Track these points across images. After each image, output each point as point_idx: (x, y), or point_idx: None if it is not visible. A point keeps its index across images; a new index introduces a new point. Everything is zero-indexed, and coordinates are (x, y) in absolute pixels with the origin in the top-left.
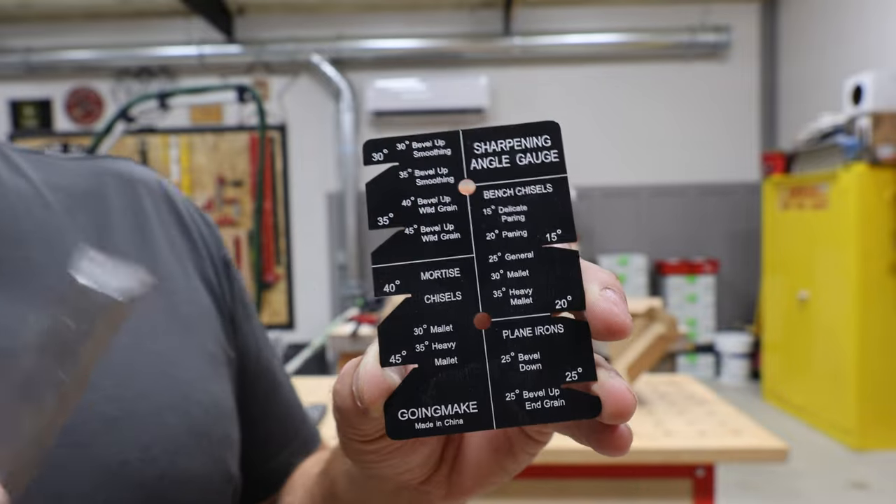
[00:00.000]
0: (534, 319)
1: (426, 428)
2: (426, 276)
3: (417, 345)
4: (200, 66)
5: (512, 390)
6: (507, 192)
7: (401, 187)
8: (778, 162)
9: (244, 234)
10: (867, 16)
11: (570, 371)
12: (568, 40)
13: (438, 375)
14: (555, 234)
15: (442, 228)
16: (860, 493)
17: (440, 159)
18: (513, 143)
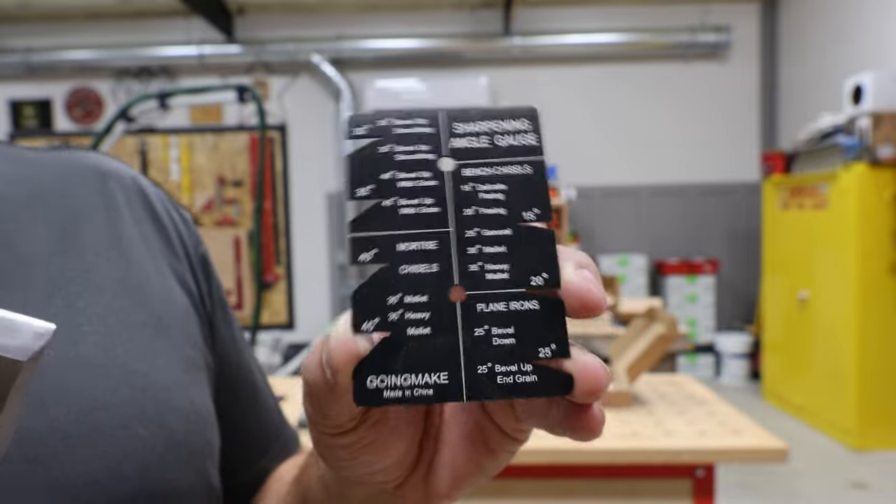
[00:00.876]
0: (509, 294)
1: (394, 396)
2: (402, 246)
3: (391, 313)
4: (200, 66)
5: (484, 363)
6: (487, 170)
7: (381, 161)
8: (778, 162)
9: (244, 234)
10: (867, 16)
11: (543, 347)
12: (568, 40)
13: (410, 345)
14: (532, 213)
15: (420, 202)
16: (860, 493)
17: (421, 136)
18: (492, 124)
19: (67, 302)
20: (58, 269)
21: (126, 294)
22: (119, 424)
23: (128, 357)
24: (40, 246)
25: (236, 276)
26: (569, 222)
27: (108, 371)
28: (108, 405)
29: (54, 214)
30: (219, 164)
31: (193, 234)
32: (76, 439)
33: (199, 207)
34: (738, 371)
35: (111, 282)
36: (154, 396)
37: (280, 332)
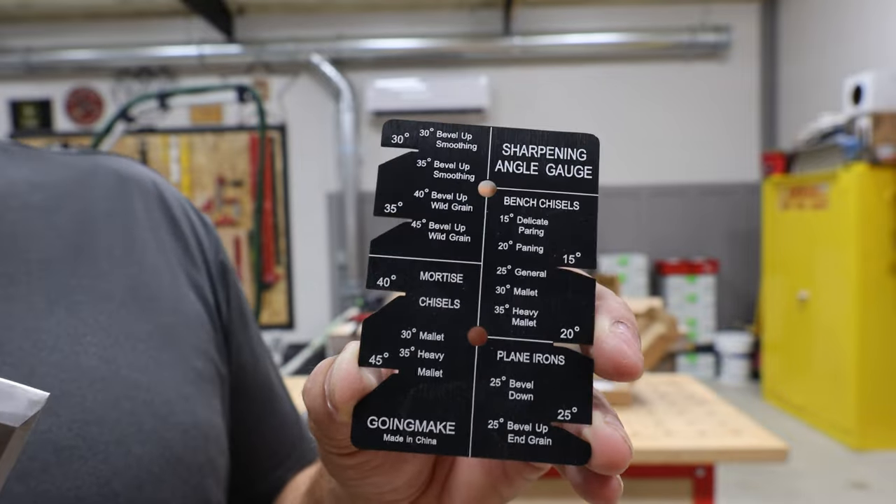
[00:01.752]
0: (534, 345)
1: (395, 441)
2: (425, 276)
3: (402, 349)
4: (200, 66)
5: (496, 418)
6: (530, 201)
7: (416, 176)
8: (778, 162)
9: (244, 234)
10: (867, 16)
11: (563, 409)
12: (568, 40)
13: (419, 386)
14: (573, 257)
15: (452, 228)
16: (860, 493)
17: (464, 154)
18: (545, 150)
19: (71, 311)
20: (65, 276)
21: (135, 303)
22: (113, 440)
23: (130, 369)
24: (51, 252)
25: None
26: None
27: (109, 384)
28: (104, 419)
29: (69, 220)
30: (219, 164)
31: (214, 239)
32: (67, 453)
33: (199, 207)
34: (738, 371)
35: (121, 290)
36: (154, 411)
37: (280, 332)
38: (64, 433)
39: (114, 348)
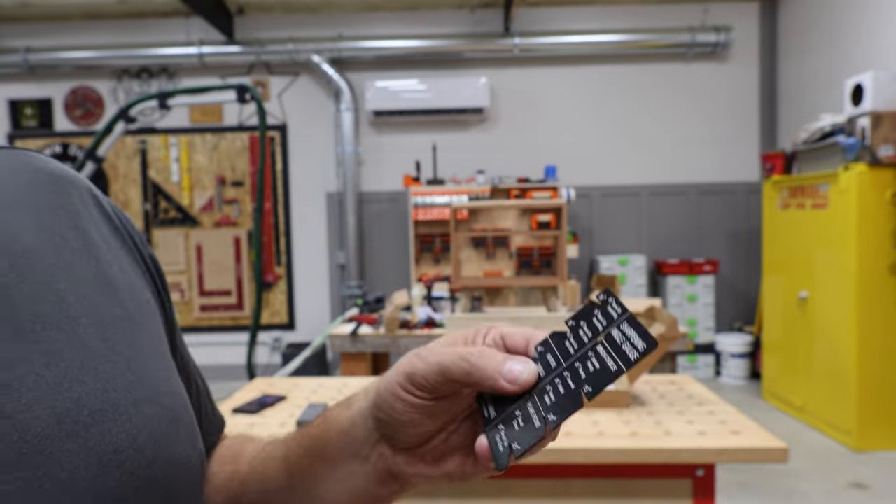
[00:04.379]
0: (538, 411)
1: (481, 402)
2: (548, 356)
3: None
4: (200, 66)
5: (503, 426)
6: (604, 354)
7: (590, 315)
8: (778, 162)
9: (244, 234)
10: (867, 16)
11: (517, 445)
12: (568, 40)
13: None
14: (588, 389)
15: (573, 344)
16: (860, 493)
17: (610, 316)
18: (634, 335)
19: (59, 297)
20: (45, 265)
21: (104, 291)
22: (130, 403)
23: (122, 346)
24: (23, 244)
25: (236, 276)
26: (568, 222)
27: (111, 358)
28: (118, 387)
29: (27, 214)
30: (219, 164)
31: (141, 236)
32: (100, 415)
33: (199, 207)
34: (738, 371)
35: (89, 278)
36: (149, 382)
37: (280, 332)
38: (93, 399)
39: (104, 329)
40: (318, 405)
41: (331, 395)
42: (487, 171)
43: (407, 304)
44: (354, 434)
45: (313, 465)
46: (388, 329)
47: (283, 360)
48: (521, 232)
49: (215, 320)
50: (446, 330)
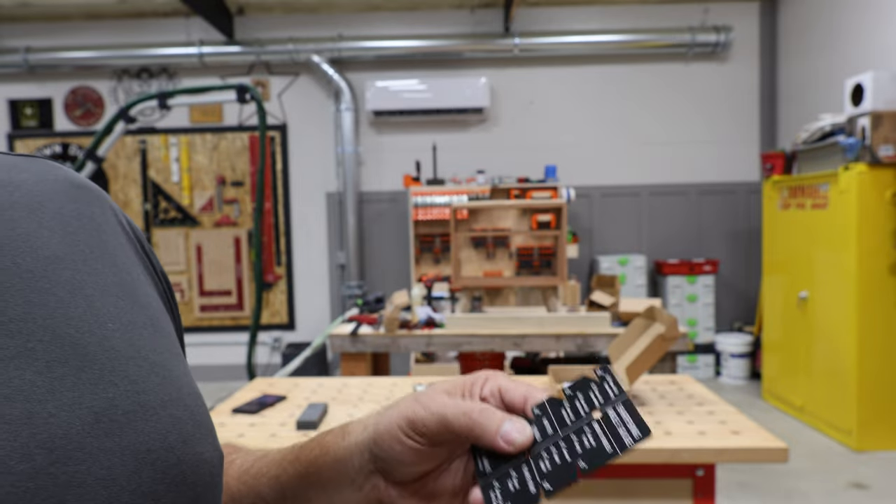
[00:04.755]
0: (534, 477)
1: (475, 455)
2: (544, 421)
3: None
4: (200, 66)
5: (498, 483)
6: (600, 433)
7: (587, 389)
8: (778, 162)
9: (244, 234)
10: (867, 16)
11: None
12: (568, 40)
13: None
14: (583, 465)
15: (570, 415)
16: (860, 493)
17: (607, 394)
18: (629, 420)
19: (89, 303)
20: (71, 272)
21: (126, 297)
22: (158, 404)
23: (146, 350)
24: (52, 250)
25: (236, 276)
26: (568, 222)
27: (138, 362)
28: (147, 390)
29: (53, 220)
30: (219, 164)
31: (150, 247)
32: (132, 415)
33: (199, 207)
34: (737, 371)
35: (111, 285)
36: (174, 384)
37: (280, 332)
38: (125, 399)
39: (129, 333)
40: (318, 405)
41: (331, 395)
42: (487, 171)
43: (407, 304)
44: (350, 464)
45: (308, 490)
46: (388, 329)
47: (283, 360)
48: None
49: (215, 320)
50: (446, 330)
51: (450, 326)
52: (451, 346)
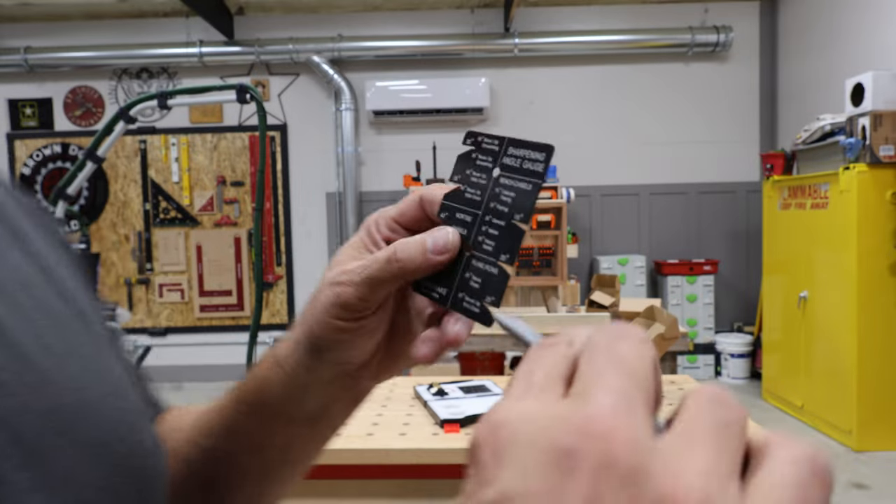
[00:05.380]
0: (487, 260)
1: (423, 292)
2: (458, 215)
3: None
4: (200, 66)
5: (462, 292)
6: (511, 181)
7: (469, 162)
8: (778, 162)
9: (244, 234)
10: (867, 16)
11: (490, 296)
12: (568, 40)
13: (442, 271)
14: (519, 216)
15: (475, 192)
16: (860, 493)
17: (492, 152)
18: (526, 152)
19: (12, 300)
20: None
21: (48, 287)
22: (101, 398)
23: (79, 344)
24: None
25: (236, 276)
26: (568, 222)
27: (74, 358)
28: (88, 385)
29: None
30: (219, 164)
31: (58, 226)
32: (79, 411)
33: (199, 207)
34: (738, 371)
35: (33, 276)
36: (109, 378)
37: (280, 332)
38: (68, 395)
39: (61, 328)
40: None
41: None
42: None
43: None
44: (298, 382)
45: (265, 425)
46: None
47: None
48: None
49: (215, 320)
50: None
51: None
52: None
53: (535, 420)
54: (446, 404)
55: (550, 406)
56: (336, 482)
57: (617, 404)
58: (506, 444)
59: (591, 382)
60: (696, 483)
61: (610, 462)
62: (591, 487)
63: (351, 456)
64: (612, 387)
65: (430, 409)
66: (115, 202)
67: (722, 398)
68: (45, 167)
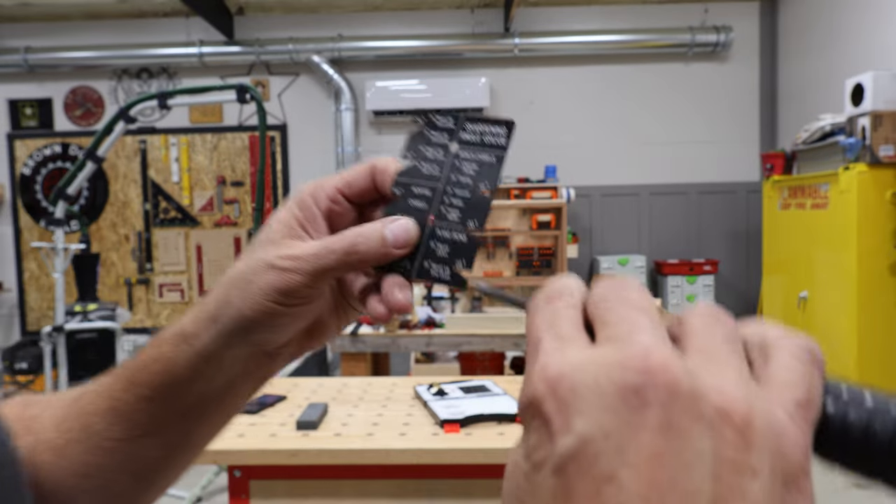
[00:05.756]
0: (454, 228)
1: (385, 267)
2: (415, 189)
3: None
4: (200, 66)
5: (429, 261)
6: (472, 155)
7: (423, 140)
8: (778, 162)
9: (244, 234)
10: (867, 16)
11: (460, 262)
12: (568, 40)
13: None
14: (484, 186)
15: (432, 167)
16: (860, 493)
17: (447, 129)
18: (486, 128)
19: None
20: None
21: None
22: None
23: None
24: None
25: None
26: (568, 222)
27: None
28: None
29: None
30: (219, 164)
31: None
32: None
33: (199, 207)
34: None
35: None
36: None
37: None
38: None
39: None
40: (318, 405)
41: (330, 395)
42: None
43: None
44: (210, 360)
45: (168, 405)
46: (388, 329)
47: None
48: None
49: None
50: (446, 330)
51: (450, 326)
52: (451, 346)
53: (590, 367)
54: (446, 404)
55: (597, 353)
56: (336, 482)
57: (656, 340)
58: (570, 395)
59: (622, 326)
60: (737, 393)
61: (673, 391)
62: (664, 416)
63: (351, 456)
64: (644, 327)
65: (430, 409)
66: (115, 202)
67: (719, 314)
68: (45, 167)
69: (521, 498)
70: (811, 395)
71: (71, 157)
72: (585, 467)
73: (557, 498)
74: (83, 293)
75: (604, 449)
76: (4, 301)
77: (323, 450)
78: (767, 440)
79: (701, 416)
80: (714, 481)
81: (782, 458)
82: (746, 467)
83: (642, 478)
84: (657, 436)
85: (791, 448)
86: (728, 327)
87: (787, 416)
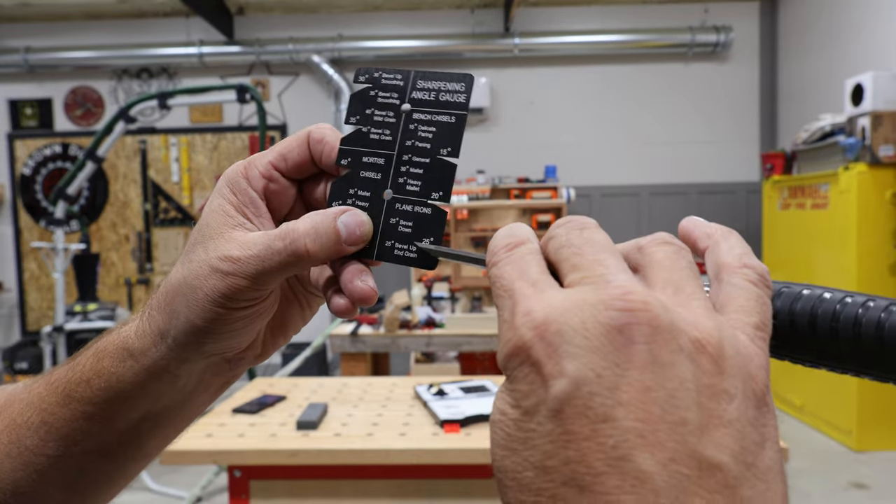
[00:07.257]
0: (416, 201)
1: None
2: (365, 159)
3: (348, 199)
4: (200, 66)
5: (391, 240)
6: (427, 116)
7: (368, 100)
8: (778, 162)
9: None
10: (867, 16)
11: (426, 238)
12: (568, 40)
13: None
14: (445, 150)
15: (382, 132)
16: (860, 493)
17: (395, 87)
18: (441, 84)
19: None
20: None
21: None
22: None
23: None
24: None
25: None
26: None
27: None
28: None
29: None
30: (219, 164)
31: None
32: None
33: (199, 207)
34: None
35: None
36: None
37: None
38: None
39: None
40: (318, 405)
41: (330, 395)
42: (487, 171)
43: (407, 304)
44: (159, 376)
45: (112, 420)
46: (388, 329)
47: (283, 360)
48: None
49: None
50: (446, 330)
51: (450, 326)
52: (451, 346)
53: (574, 310)
54: (446, 404)
55: (578, 296)
56: (336, 482)
57: (630, 279)
58: (558, 339)
59: (595, 268)
60: (708, 324)
61: (655, 327)
62: (650, 352)
63: (351, 456)
64: (616, 267)
65: (430, 410)
66: (115, 202)
67: (676, 244)
68: (45, 167)
69: (511, 446)
70: (765, 317)
71: (71, 157)
72: (581, 409)
73: (556, 441)
74: (83, 293)
75: (597, 389)
76: (4, 301)
77: (323, 450)
78: (737, 365)
79: (680, 348)
80: (698, 409)
81: (751, 380)
82: (722, 392)
83: (636, 414)
84: (645, 372)
85: (756, 370)
86: (689, 258)
87: (749, 339)
